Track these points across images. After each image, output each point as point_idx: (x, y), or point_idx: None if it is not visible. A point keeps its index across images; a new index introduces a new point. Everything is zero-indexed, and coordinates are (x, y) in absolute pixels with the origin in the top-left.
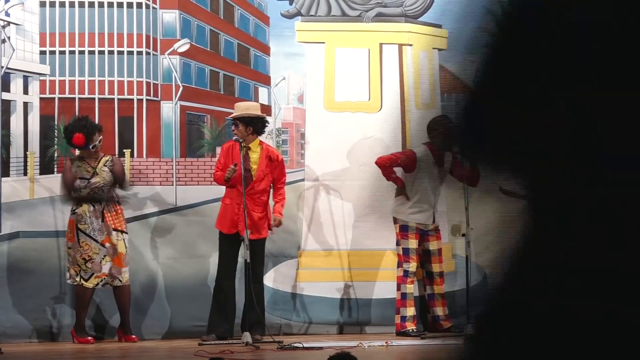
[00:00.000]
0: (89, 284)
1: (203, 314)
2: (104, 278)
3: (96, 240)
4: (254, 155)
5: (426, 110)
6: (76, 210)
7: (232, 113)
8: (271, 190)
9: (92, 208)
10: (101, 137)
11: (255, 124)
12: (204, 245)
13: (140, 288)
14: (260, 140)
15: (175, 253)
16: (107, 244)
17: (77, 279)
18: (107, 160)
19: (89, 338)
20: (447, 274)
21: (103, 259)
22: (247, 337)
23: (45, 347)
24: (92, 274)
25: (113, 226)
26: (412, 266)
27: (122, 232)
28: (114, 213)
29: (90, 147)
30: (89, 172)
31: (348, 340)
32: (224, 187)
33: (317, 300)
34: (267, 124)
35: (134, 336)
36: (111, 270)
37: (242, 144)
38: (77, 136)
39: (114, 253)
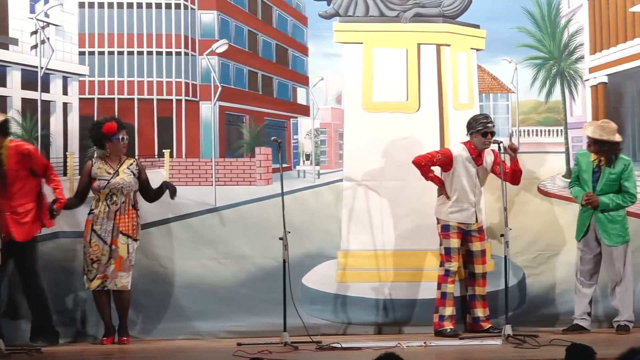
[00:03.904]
0: (92, 286)
1: (242, 314)
2: (105, 280)
3: (105, 242)
4: (3, 153)
5: (464, 110)
6: (94, 211)
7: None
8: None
9: (107, 209)
10: (127, 136)
11: (2, 126)
12: (243, 245)
13: (179, 289)
14: (10, 139)
15: (214, 253)
16: (114, 246)
17: (84, 281)
18: (131, 164)
19: (104, 339)
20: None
21: (108, 260)
22: (285, 337)
23: (77, 347)
24: (96, 275)
25: (121, 229)
26: (454, 266)
27: (129, 237)
28: (126, 217)
29: (120, 137)
30: (110, 173)
31: (387, 340)
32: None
33: (356, 301)
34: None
35: (126, 338)
36: (112, 273)
37: None
38: (109, 124)
39: (117, 256)
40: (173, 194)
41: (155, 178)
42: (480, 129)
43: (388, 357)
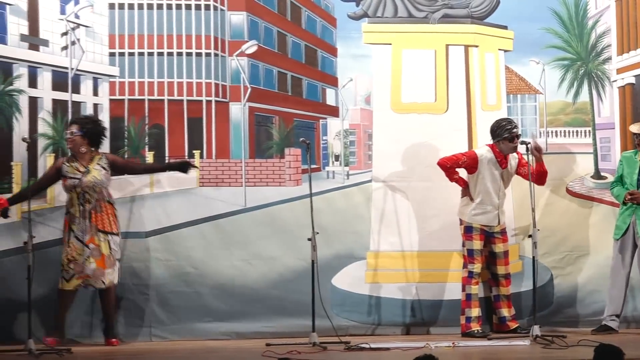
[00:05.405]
0: (69, 286)
1: (271, 315)
2: (87, 279)
3: (81, 241)
4: None
5: (492, 112)
6: (70, 210)
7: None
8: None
9: (81, 208)
10: (76, 132)
11: None
12: (273, 246)
13: (209, 289)
14: None
15: (244, 254)
16: (91, 245)
17: (60, 281)
18: (100, 159)
19: (49, 339)
20: (513, 275)
21: (87, 259)
22: (314, 337)
23: (107, 347)
24: (74, 275)
25: (98, 227)
26: (477, 267)
27: (108, 233)
28: (102, 213)
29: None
30: (81, 171)
31: (415, 341)
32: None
33: (385, 302)
34: None
35: (114, 340)
36: (95, 271)
37: None
38: None
39: (98, 254)
40: (187, 167)
41: (186, 179)
42: (507, 135)
43: (427, 359)
